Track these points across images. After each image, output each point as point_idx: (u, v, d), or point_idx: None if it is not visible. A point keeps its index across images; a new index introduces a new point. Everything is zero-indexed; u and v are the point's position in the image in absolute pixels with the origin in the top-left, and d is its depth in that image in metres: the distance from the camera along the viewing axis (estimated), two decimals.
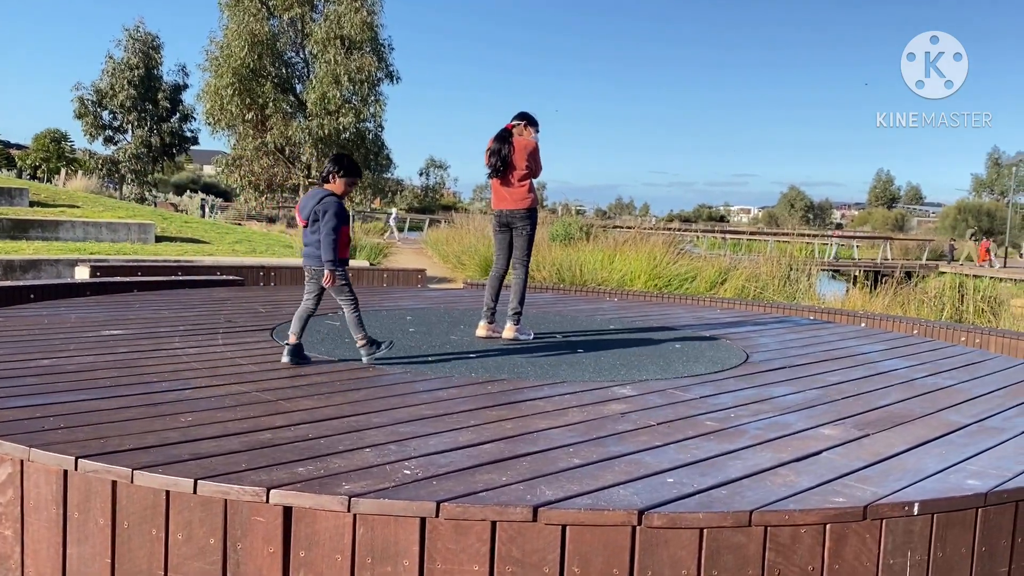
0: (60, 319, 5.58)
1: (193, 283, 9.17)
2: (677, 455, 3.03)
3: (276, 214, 37.25)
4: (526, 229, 5.68)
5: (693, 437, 3.31)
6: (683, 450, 3.10)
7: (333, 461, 2.74)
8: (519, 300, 5.69)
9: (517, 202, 5.61)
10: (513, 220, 5.66)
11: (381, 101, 27.60)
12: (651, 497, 2.52)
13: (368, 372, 4.35)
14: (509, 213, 5.65)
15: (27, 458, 2.72)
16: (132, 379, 3.85)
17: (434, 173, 75.25)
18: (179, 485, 2.52)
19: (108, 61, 37.68)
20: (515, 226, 5.66)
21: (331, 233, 4.40)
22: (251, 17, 25.81)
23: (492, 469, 2.74)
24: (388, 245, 19.94)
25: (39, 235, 14.42)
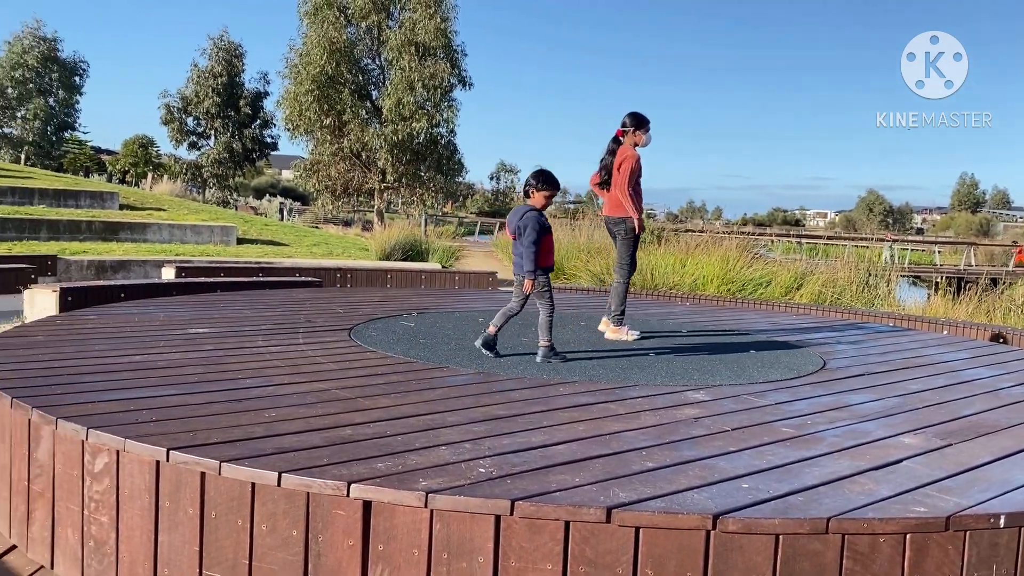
0: (150, 317, 5.82)
1: (273, 284, 9.45)
2: (752, 461, 3.00)
3: (351, 217, 38.01)
4: (621, 234, 5.90)
5: (769, 443, 3.27)
6: (758, 456, 3.07)
7: (410, 458, 2.81)
8: (619, 302, 5.94)
9: (613, 209, 5.88)
10: (610, 226, 5.98)
11: (454, 106, 27.95)
12: (726, 502, 2.51)
13: (442, 372, 4.43)
14: (608, 219, 5.98)
15: (122, 449, 2.86)
16: (218, 375, 4.01)
17: (504, 177, 75.74)
18: (264, 478, 2.62)
19: (193, 69, 39.14)
20: (613, 232, 5.95)
21: (532, 246, 4.89)
22: (330, 25, 26.45)
23: (565, 470, 2.76)
24: (459, 248, 20.14)
25: (128, 237, 15.05)
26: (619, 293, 5.96)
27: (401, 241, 16.61)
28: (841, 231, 64.20)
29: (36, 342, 4.63)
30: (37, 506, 3.18)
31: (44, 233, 13.97)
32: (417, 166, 28.51)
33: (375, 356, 4.79)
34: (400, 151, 27.24)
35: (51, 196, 16.67)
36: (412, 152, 27.70)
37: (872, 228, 62.88)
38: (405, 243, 16.63)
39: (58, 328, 5.19)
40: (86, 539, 2.98)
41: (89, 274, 12.07)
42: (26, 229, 13.86)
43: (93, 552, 2.96)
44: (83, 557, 2.98)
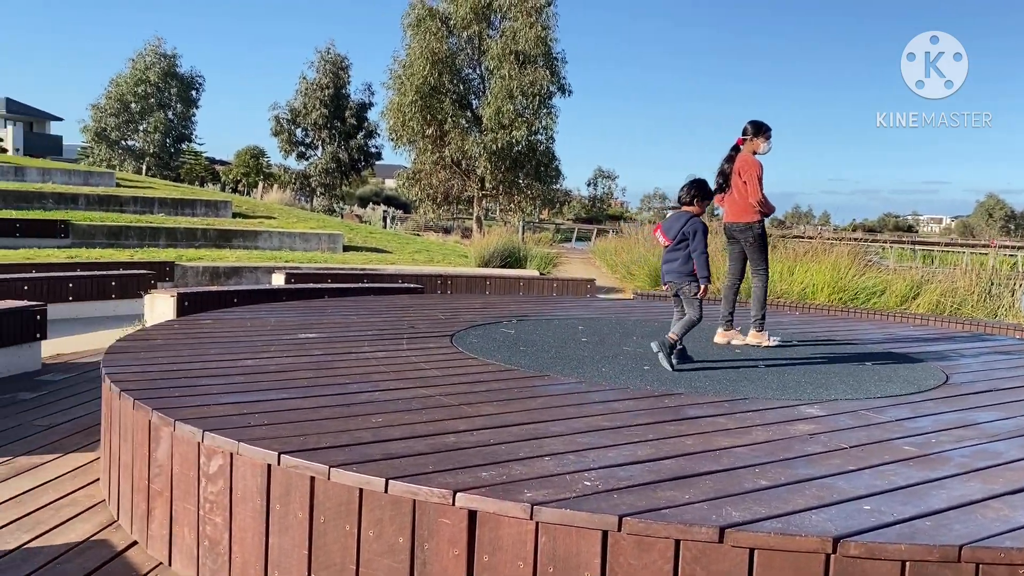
0: (261, 322, 6.01)
1: (377, 290, 9.65)
2: (873, 481, 2.84)
3: (451, 225, 38.54)
4: (749, 240, 5.92)
5: (890, 463, 3.09)
6: (880, 476, 2.91)
7: (515, 467, 2.78)
8: (759, 307, 5.99)
9: (737, 215, 5.89)
10: (734, 232, 5.98)
11: (552, 114, 27.99)
12: (846, 524, 2.38)
13: (543, 381, 4.39)
14: (731, 226, 6.00)
15: (236, 451, 2.94)
16: (327, 380, 4.09)
17: (602, 183, 75.29)
18: (371, 484, 2.64)
19: (301, 82, 40.51)
20: (739, 238, 5.96)
21: (704, 253, 4.91)
22: (432, 36, 26.91)
23: (674, 486, 2.68)
24: (557, 255, 20.10)
25: (241, 244, 15.66)
26: (759, 298, 6.00)
27: (499, 248, 16.71)
28: (957, 237, 61.05)
29: (156, 345, 4.84)
30: (156, 504, 3.31)
31: (163, 240, 14.70)
32: (515, 173, 28.66)
33: (477, 363, 4.80)
34: (499, 159, 27.44)
35: (169, 205, 17.53)
36: (511, 160, 27.87)
37: (992, 234, 59.52)
38: (503, 250, 16.73)
39: (176, 332, 5.41)
40: (201, 538, 3.08)
41: (204, 279, 12.60)
42: (147, 237, 14.61)
43: (208, 551, 3.05)
44: (198, 556, 3.08)
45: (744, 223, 5.91)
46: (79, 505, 3.81)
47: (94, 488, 4.03)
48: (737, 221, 5.94)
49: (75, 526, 3.57)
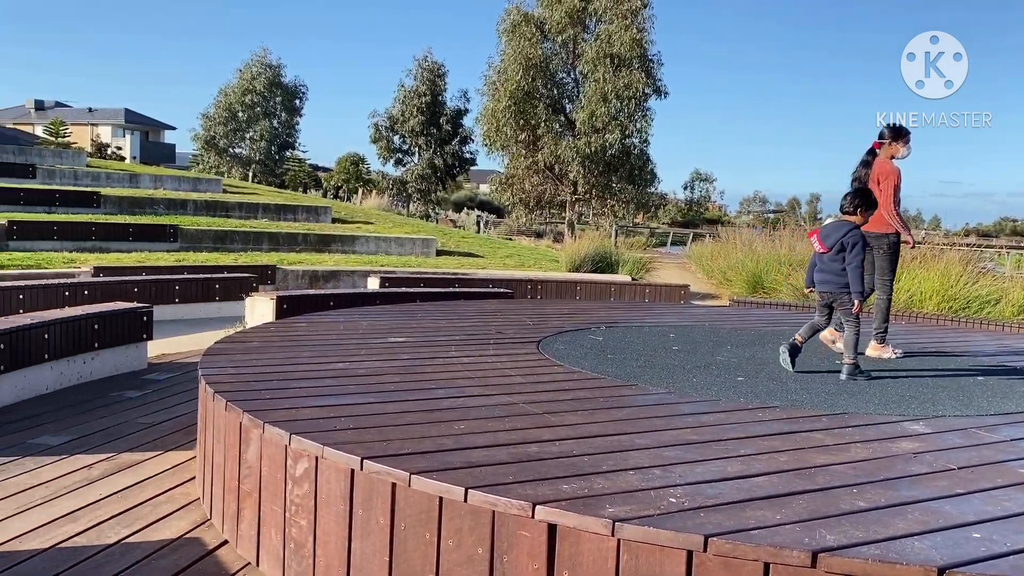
0: (354, 325, 6.11)
1: (468, 295, 9.71)
2: (984, 507, 2.64)
3: (543, 229, 38.58)
4: (881, 248, 5.80)
5: (1004, 487, 2.87)
6: (991, 501, 2.70)
7: (597, 481, 2.71)
8: (882, 319, 5.89)
9: (873, 224, 5.65)
10: (868, 241, 5.71)
11: (648, 116, 27.69)
12: (953, 553, 2.21)
13: (630, 390, 4.29)
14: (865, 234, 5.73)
15: (321, 455, 2.97)
16: (413, 385, 4.10)
17: (699, 186, 74.00)
18: (451, 493, 2.61)
19: (400, 89, 41.35)
20: (872, 246, 5.74)
21: (859, 266, 4.82)
22: (526, 42, 27.02)
23: (765, 505, 2.56)
24: (650, 260, 19.80)
25: (339, 248, 16.06)
26: (883, 309, 5.90)
27: (591, 253, 16.58)
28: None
29: (252, 347, 4.97)
30: (245, 505, 3.38)
31: (265, 244, 15.21)
32: (609, 177, 28.44)
33: (563, 370, 4.73)
34: (592, 163, 27.29)
35: (272, 211, 18.14)
36: (604, 163, 27.68)
37: None
38: (595, 255, 16.59)
39: (272, 334, 5.55)
40: (287, 540, 3.12)
41: (303, 283, 12.97)
42: (250, 241, 15.15)
43: (293, 554, 3.09)
44: (284, 558, 3.13)
45: (879, 232, 5.75)
46: (175, 502, 3.94)
47: (190, 486, 4.16)
48: (872, 230, 5.71)
49: (171, 523, 3.69)
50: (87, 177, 18.40)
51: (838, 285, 4.85)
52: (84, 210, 15.26)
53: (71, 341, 6.20)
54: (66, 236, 13.14)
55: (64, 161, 20.02)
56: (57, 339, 6.02)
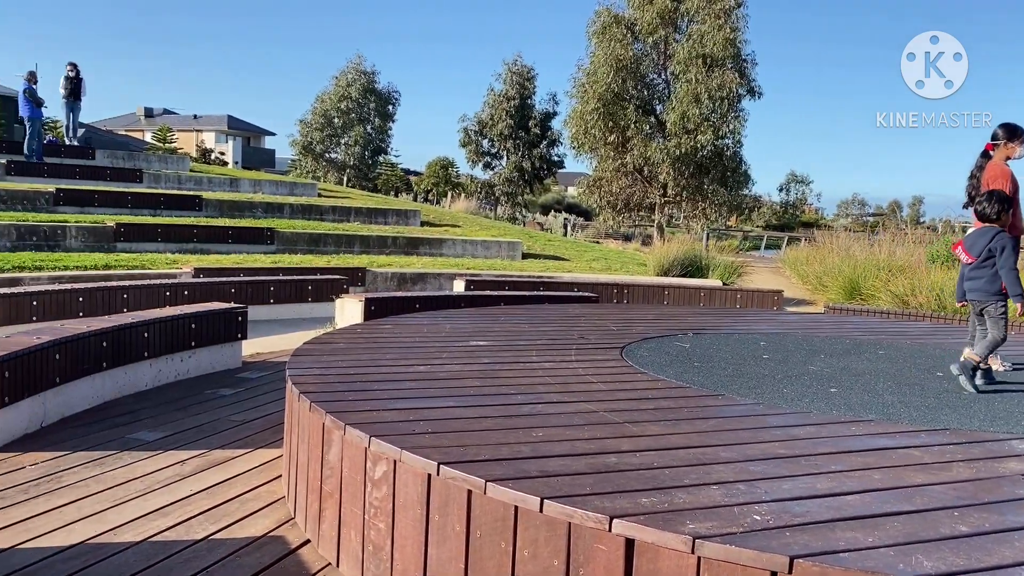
0: (437, 328, 6.15)
1: (552, 299, 9.66)
2: None
3: (632, 232, 38.21)
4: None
5: None
6: None
7: (678, 495, 2.62)
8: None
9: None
10: None
11: (741, 117, 27.08)
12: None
13: (716, 401, 4.16)
14: None
15: (399, 459, 2.98)
16: (492, 390, 4.09)
17: (795, 188, 71.94)
18: (527, 502, 2.57)
19: (489, 93, 41.70)
20: None
21: (1013, 268, 4.70)
22: (617, 43, 26.83)
23: (856, 526, 2.42)
24: (742, 264, 19.33)
25: (427, 251, 16.27)
26: None
27: (680, 256, 16.28)
28: None
29: (338, 348, 5.05)
30: (327, 506, 3.42)
31: (357, 247, 15.52)
32: (700, 179, 27.95)
33: (646, 378, 4.63)
34: (683, 164, 26.88)
35: (364, 214, 18.51)
36: (695, 165, 27.23)
37: None
38: (684, 258, 16.28)
39: (358, 336, 5.63)
40: (366, 543, 3.14)
41: (392, 285, 13.18)
42: (343, 243, 15.50)
43: (372, 556, 3.11)
44: (363, 560, 3.15)
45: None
46: (262, 500, 4.03)
47: (276, 484, 4.25)
48: None
49: (256, 521, 3.77)
50: (190, 181, 19.19)
51: (988, 293, 4.76)
52: (187, 213, 15.92)
53: (169, 340, 6.44)
54: (169, 238, 13.72)
55: (169, 166, 20.94)
56: (156, 338, 6.26)
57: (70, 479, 4.21)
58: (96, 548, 3.37)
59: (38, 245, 12.37)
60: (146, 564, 3.22)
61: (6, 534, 3.49)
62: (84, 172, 17.44)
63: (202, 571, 3.19)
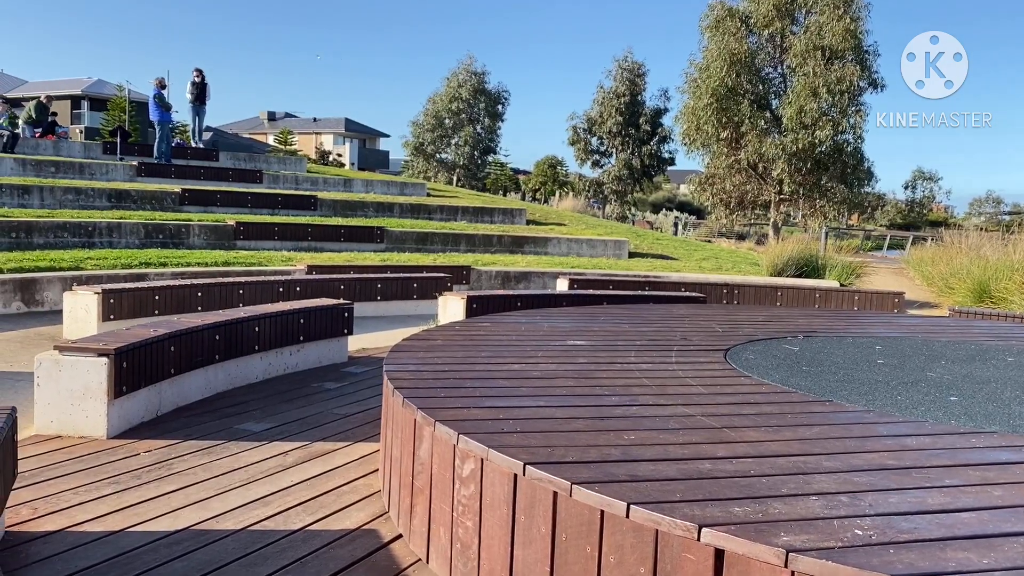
0: (535, 327, 6.12)
1: (657, 299, 9.48)
2: None
3: (746, 231, 37.18)
4: None
5: None
6: None
7: (773, 505, 2.49)
8: None
9: None
10: None
11: (862, 111, 25.89)
12: None
13: (823, 407, 3.96)
14: None
15: (486, 457, 2.95)
16: (585, 390, 4.02)
17: (922, 186, 68.37)
18: (613, 507, 2.50)
19: (599, 91, 41.44)
20: None
21: None
22: (730, 37, 26.17)
23: (970, 546, 2.23)
24: (862, 264, 18.45)
25: (532, 250, 16.29)
26: None
27: (795, 256, 15.69)
28: None
29: (435, 345, 5.09)
30: (418, 501, 3.44)
31: (463, 246, 15.71)
32: (818, 176, 26.90)
33: (749, 382, 4.46)
34: (799, 161, 25.94)
35: (471, 213, 18.72)
36: (813, 161, 26.23)
37: None
38: (799, 258, 15.68)
39: (456, 333, 5.67)
40: (454, 540, 3.14)
41: (496, 283, 13.26)
42: (449, 242, 15.72)
43: (459, 554, 3.10)
44: (451, 557, 3.14)
45: None
46: (358, 493, 4.10)
47: (373, 478, 4.32)
48: None
49: (351, 514, 3.83)
50: (306, 182, 19.88)
51: None
52: (302, 213, 16.49)
53: (278, 334, 6.67)
54: (285, 236, 14.25)
55: (287, 167, 21.76)
56: (266, 332, 6.49)
57: (180, 467, 4.41)
58: (198, 535, 3.50)
59: (164, 243, 13.09)
60: (243, 552, 3.32)
61: (117, 517, 3.67)
62: (208, 173, 18.34)
63: (296, 561, 3.26)
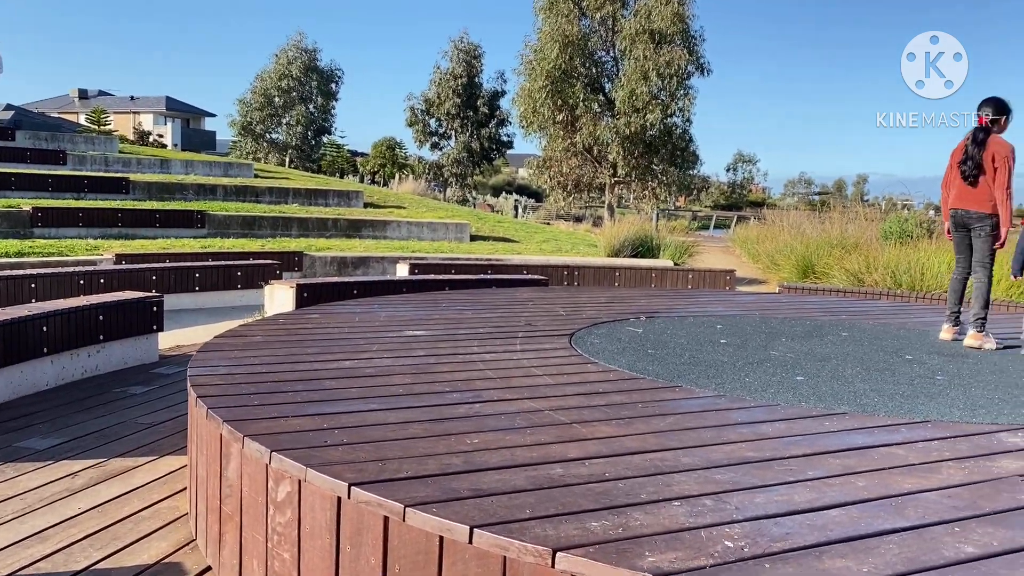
0: (371, 317, 5.65)
1: (500, 282, 9.20)
2: None
3: (583, 213, 37.90)
4: (986, 230, 5.48)
5: None
6: None
7: (634, 516, 2.20)
8: (983, 304, 5.53)
9: (980, 203, 5.43)
10: (969, 220, 5.51)
11: (690, 95, 26.75)
12: None
13: (674, 393, 3.75)
14: (967, 213, 5.52)
15: (304, 478, 2.50)
16: (424, 387, 3.61)
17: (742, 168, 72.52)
18: (453, 531, 2.12)
19: (436, 72, 40.79)
20: (972, 227, 5.52)
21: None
22: (563, 19, 26.27)
23: (846, 551, 2.02)
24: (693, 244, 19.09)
25: (370, 234, 15.66)
26: (983, 295, 5.54)
27: (631, 237, 15.95)
28: None
29: (253, 343, 4.53)
30: (227, 529, 2.93)
31: (295, 230, 14.85)
32: (649, 159, 27.62)
33: (596, 369, 4.21)
34: (632, 144, 26.50)
35: (303, 195, 17.78)
36: (644, 144, 26.87)
37: None
38: (635, 239, 15.95)
39: (279, 327, 5.11)
40: (270, 574, 2.66)
41: (331, 269, 12.58)
42: (279, 227, 14.80)
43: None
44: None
45: (985, 212, 5.43)
46: (161, 518, 3.52)
47: (181, 498, 3.74)
48: (977, 210, 5.44)
49: (152, 544, 3.26)
50: (118, 163, 18.22)
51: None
52: (112, 196, 15.04)
53: (73, 333, 5.83)
54: (92, 223, 12.90)
55: (96, 147, 19.87)
56: (57, 331, 5.65)
57: None
58: None
59: None
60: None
61: None
62: (2, 154, 16.40)
63: None
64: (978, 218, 5.45)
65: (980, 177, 5.40)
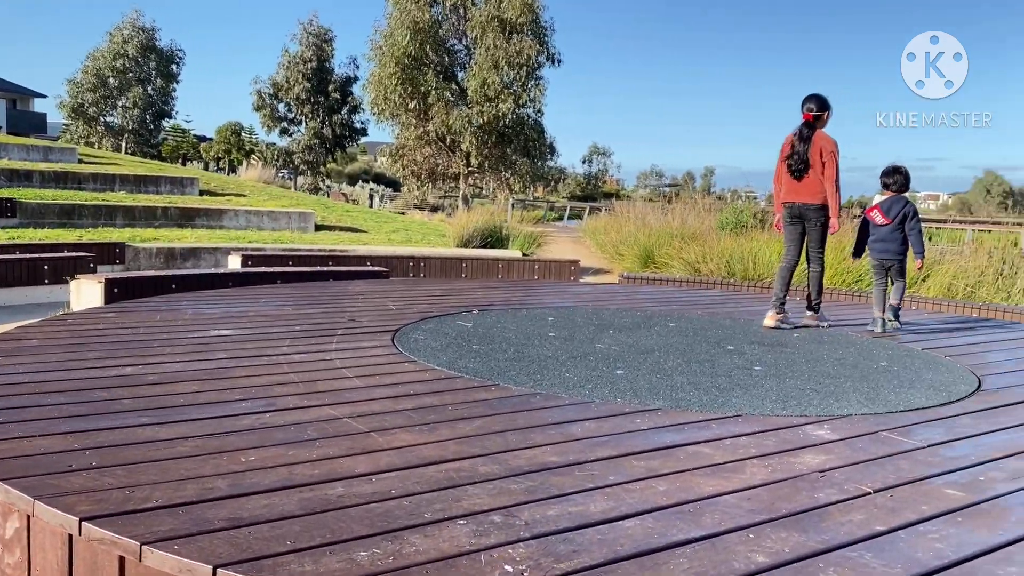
0: (175, 315, 5.18)
1: (337, 274, 8.79)
2: (913, 552, 2.04)
3: (441, 203, 37.59)
4: (820, 222, 5.73)
5: (931, 518, 2.29)
6: (921, 541, 2.10)
7: (410, 540, 1.96)
8: (817, 291, 6.02)
9: (811, 195, 5.67)
10: (806, 213, 5.74)
11: (541, 86, 26.94)
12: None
13: (488, 393, 3.56)
14: (802, 206, 5.75)
15: (33, 512, 2.12)
16: (212, 396, 3.25)
17: (597, 160, 74.25)
18: (194, 572, 1.81)
19: (284, 55, 39.24)
20: (808, 219, 5.75)
21: (922, 231, 5.95)
22: (413, 5, 25.82)
23: (633, 568, 1.87)
24: (543, 234, 19.19)
25: (204, 223, 14.75)
26: (818, 282, 6.00)
27: (481, 227, 15.80)
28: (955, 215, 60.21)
29: (25, 348, 4.00)
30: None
31: (120, 220, 13.76)
32: (503, 149, 27.64)
33: (413, 368, 3.96)
34: (485, 134, 26.42)
35: (132, 182, 16.56)
36: (497, 134, 26.85)
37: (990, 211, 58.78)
38: (485, 229, 15.81)
39: (65, 328, 4.57)
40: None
41: (158, 262, 11.73)
42: (102, 216, 13.67)
43: None
44: None
45: (818, 204, 5.69)
46: None
47: None
48: (811, 202, 5.70)
49: None
50: None
51: (897, 252, 5.84)
52: None
53: None
54: None
55: None
56: None
57: None
58: None
59: None
60: None
61: None
62: None
63: None
64: (814, 210, 5.68)
65: (808, 171, 5.62)
